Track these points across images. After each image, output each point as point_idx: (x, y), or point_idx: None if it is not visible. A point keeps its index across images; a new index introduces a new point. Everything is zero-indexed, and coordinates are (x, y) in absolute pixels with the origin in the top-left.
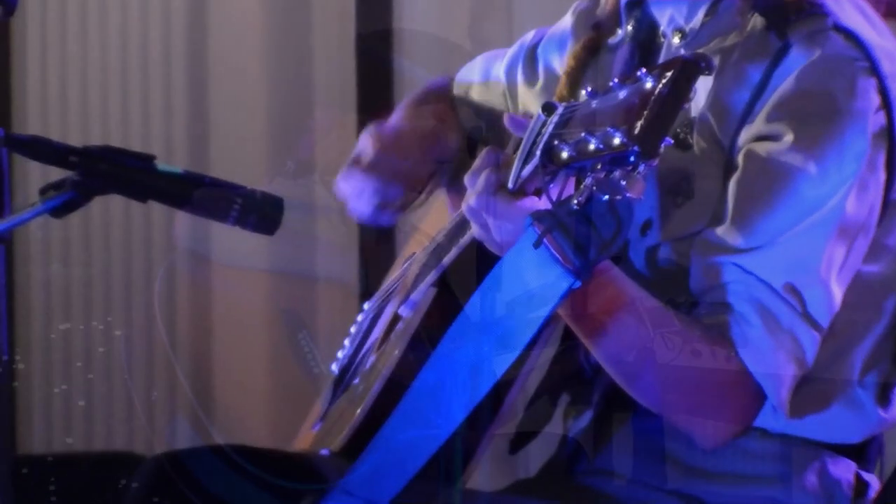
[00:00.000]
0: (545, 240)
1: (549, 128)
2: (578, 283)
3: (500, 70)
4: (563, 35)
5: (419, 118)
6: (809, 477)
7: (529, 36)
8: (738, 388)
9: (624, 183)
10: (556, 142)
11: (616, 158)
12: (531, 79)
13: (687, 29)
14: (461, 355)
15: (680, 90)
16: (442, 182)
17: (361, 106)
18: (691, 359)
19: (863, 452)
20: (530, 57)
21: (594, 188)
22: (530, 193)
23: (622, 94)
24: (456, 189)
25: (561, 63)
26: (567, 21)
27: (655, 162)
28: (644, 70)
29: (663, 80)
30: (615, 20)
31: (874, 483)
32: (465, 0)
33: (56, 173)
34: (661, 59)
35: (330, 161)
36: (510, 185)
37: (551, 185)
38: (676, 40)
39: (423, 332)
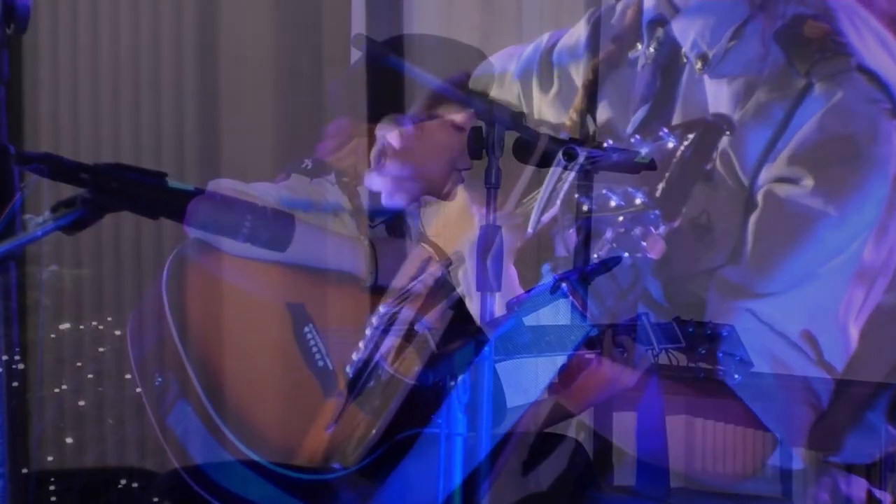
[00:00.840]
0: (564, 286)
1: (570, 177)
2: (595, 331)
3: (514, 70)
4: (577, 43)
5: (435, 128)
6: (821, 495)
7: (544, 38)
8: (749, 435)
9: (644, 244)
10: (576, 194)
11: (637, 217)
12: (546, 84)
13: (710, 54)
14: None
15: (701, 153)
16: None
17: (372, 112)
18: (692, 372)
19: (874, 469)
20: (545, 62)
21: (614, 244)
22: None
23: (643, 151)
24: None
25: (577, 71)
26: (581, 29)
27: (677, 223)
28: (666, 129)
29: (685, 142)
30: (635, 34)
31: (886, 500)
32: (474, 7)
33: (67, 190)
34: (683, 84)
35: (347, 165)
36: (529, 228)
37: (569, 233)
38: (699, 66)
39: (438, 354)
